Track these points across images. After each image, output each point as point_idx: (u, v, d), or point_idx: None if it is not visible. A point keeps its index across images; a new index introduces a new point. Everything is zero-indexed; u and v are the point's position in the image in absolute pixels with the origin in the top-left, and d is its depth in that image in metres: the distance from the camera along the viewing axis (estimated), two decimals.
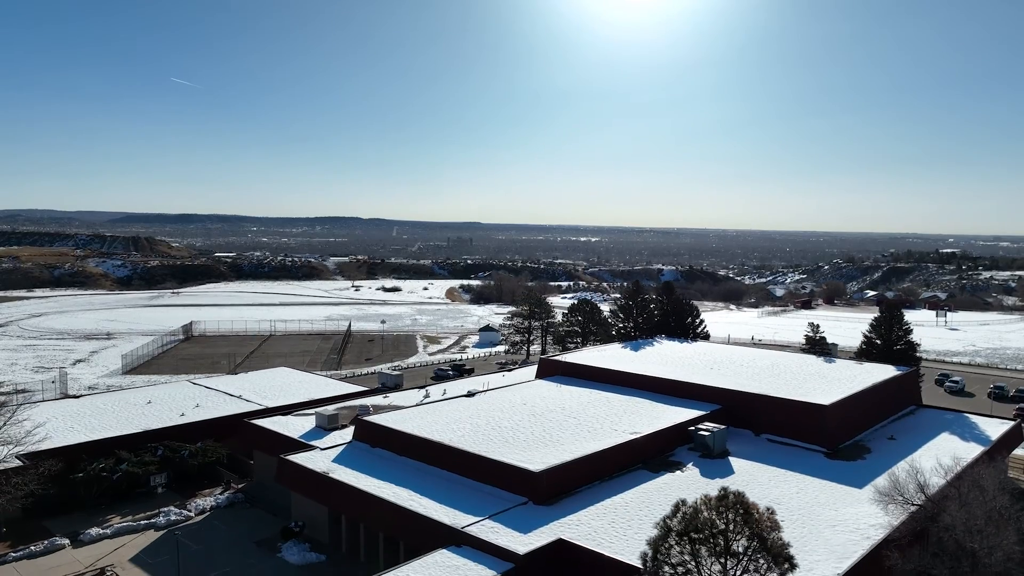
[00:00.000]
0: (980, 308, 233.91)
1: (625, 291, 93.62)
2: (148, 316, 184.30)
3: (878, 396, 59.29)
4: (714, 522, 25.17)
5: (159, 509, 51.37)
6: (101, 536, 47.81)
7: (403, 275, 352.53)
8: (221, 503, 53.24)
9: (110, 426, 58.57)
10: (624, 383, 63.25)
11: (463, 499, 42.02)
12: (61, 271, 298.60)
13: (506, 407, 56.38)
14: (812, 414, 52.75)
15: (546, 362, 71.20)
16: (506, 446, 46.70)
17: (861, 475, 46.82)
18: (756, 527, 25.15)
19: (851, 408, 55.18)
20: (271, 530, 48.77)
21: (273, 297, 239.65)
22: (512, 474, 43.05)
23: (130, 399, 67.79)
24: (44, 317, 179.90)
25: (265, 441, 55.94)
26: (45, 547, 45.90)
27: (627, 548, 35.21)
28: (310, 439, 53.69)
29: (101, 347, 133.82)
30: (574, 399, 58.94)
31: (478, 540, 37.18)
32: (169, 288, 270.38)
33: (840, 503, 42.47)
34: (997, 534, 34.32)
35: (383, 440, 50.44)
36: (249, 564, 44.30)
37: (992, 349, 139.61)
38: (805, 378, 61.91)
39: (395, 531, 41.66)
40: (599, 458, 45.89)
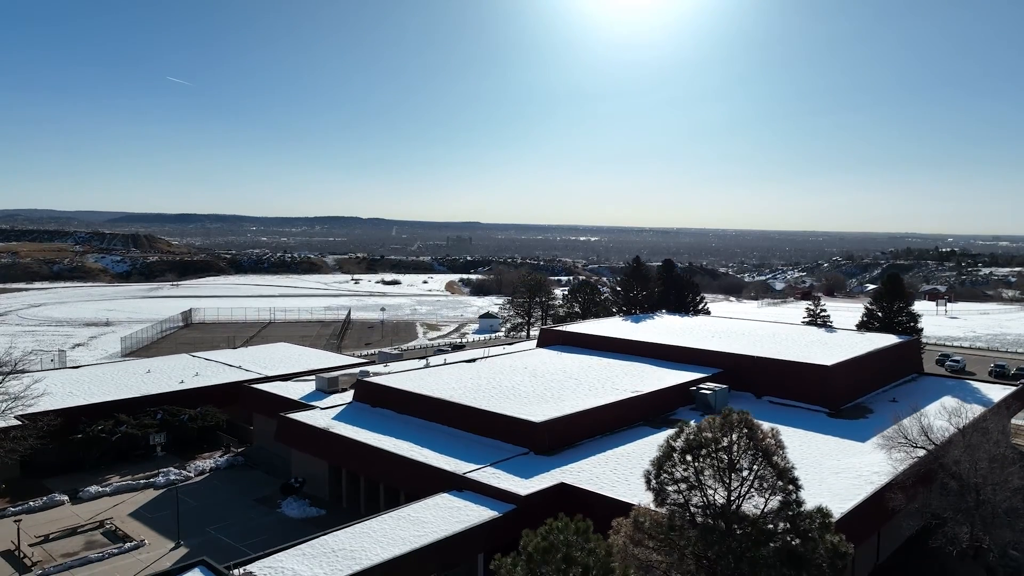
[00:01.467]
0: (980, 300, 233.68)
1: (626, 267, 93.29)
2: (147, 306, 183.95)
3: (880, 361, 59.12)
4: (718, 439, 24.91)
5: (158, 470, 51.16)
6: (100, 494, 47.58)
7: (402, 271, 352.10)
8: (221, 465, 53.01)
9: (109, 392, 58.30)
10: (625, 350, 63.03)
11: (464, 451, 41.83)
12: (60, 266, 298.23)
13: (507, 370, 56.17)
14: (815, 375, 52.58)
15: (547, 332, 71.01)
16: (507, 402, 46.49)
17: (864, 431, 46.66)
18: (761, 444, 24.90)
19: (854, 370, 55.02)
20: (271, 489, 48.55)
21: (272, 289, 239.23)
22: (513, 426, 42.84)
23: (129, 368, 67.63)
24: (43, 307, 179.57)
25: (265, 404, 55.69)
26: (44, 503, 45.69)
27: (628, 492, 34.99)
28: (310, 401, 53.48)
29: (100, 333, 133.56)
30: (575, 364, 58.72)
31: (479, 484, 36.99)
32: (168, 281, 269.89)
33: (843, 454, 42.30)
34: (1002, 471, 34.16)
35: (384, 399, 50.21)
36: (249, 518, 44.05)
37: (992, 335, 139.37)
38: (807, 344, 61.75)
39: (396, 481, 41.43)
40: (600, 412, 45.67)
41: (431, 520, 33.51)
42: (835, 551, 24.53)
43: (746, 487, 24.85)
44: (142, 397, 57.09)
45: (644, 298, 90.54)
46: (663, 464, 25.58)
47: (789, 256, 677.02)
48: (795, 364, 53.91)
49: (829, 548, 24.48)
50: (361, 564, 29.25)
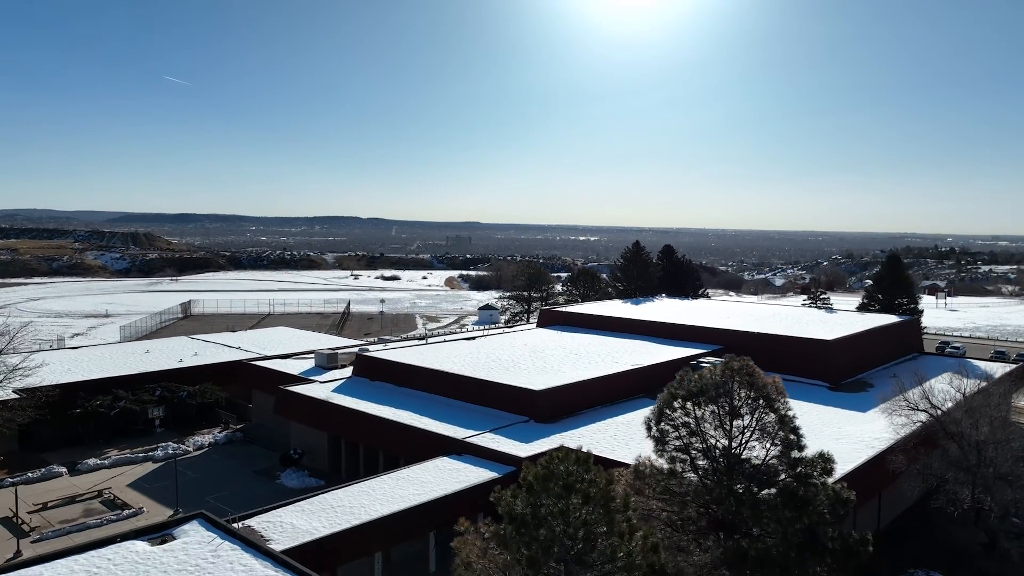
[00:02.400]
0: (980, 294, 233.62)
1: (626, 252, 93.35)
2: (146, 300, 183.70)
3: (881, 338, 59.03)
4: (719, 385, 24.81)
5: (157, 444, 51.02)
6: (98, 466, 47.42)
7: (402, 268, 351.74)
8: (220, 440, 52.86)
9: (108, 370, 58.10)
10: (625, 329, 62.93)
11: (464, 419, 41.71)
12: (59, 263, 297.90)
13: (506, 346, 56.06)
14: (815, 350, 52.48)
15: (547, 312, 70.89)
16: (507, 373, 46.39)
17: (865, 403, 46.58)
18: (762, 391, 24.80)
19: (854, 346, 54.93)
20: (270, 462, 48.39)
21: (272, 284, 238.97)
22: (512, 395, 42.73)
23: (128, 349, 67.52)
24: (42, 301, 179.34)
25: (264, 381, 55.55)
26: (42, 474, 45.54)
27: (628, 455, 34.79)
28: (309, 376, 53.34)
29: (99, 324, 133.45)
30: (575, 341, 58.60)
31: (479, 447, 36.89)
32: (167, 276, 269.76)
33: (844, 423, 42.21)
34: (1003, 430, 34.09)
35: (383, 373, 50.09)
36: (248, 489, 43.87)
37: (992, 326, 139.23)
38: (807, 323, 61.66)
39: (395, 449, 41.29)
40: (600, 383, 45.56)
41: (431, 480, 33.40)
42: (836, 497, 24.45)
43: (747, 434, 24.79)
44: (141, 374, 56.94)
45: (644, 283, 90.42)
46: (664, 410, 25.51)
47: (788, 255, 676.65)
48: (795, 339, 53.82)
49: (830, 495, 24.40)
50: (360, 519, 29.14)
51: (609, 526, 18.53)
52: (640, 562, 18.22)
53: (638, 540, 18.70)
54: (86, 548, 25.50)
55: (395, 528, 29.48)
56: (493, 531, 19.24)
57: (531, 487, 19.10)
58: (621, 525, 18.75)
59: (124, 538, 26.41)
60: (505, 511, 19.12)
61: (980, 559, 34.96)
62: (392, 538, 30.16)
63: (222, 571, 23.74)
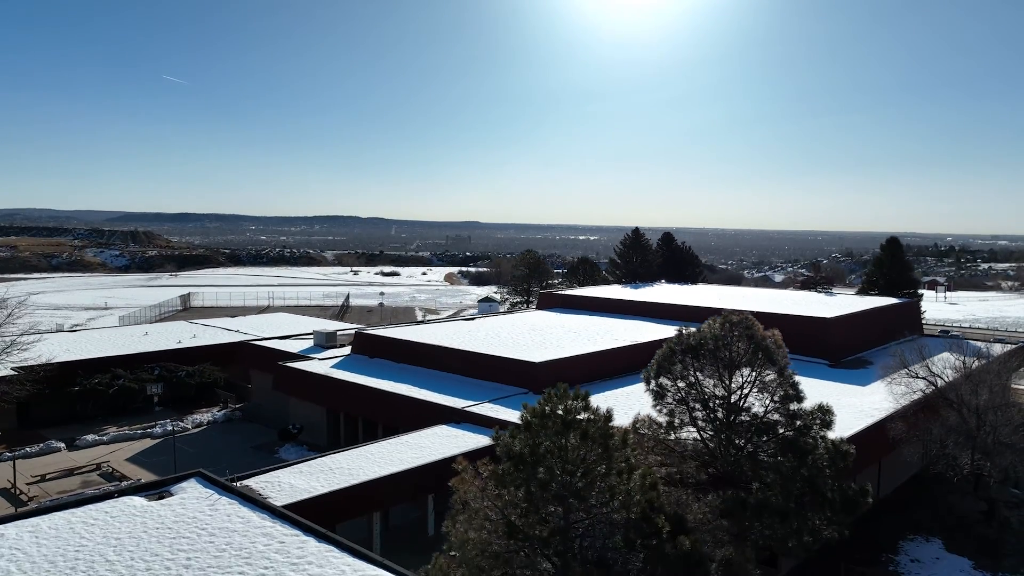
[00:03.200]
0: (980, 289, 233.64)
1: (625, 239, 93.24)
2: (146, 294, 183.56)
3: (881, 317, 59.01)
4: (718, 338, 24.78)
5: (156, 422, 50.97)
6: (97, 442, 47.38)
7: (401, 265, 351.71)
8: (218, 419, 52.84)
9: (107, 350, 58.09)
10: (625, 310, 62.89)
11: (463, 391, 41.65)
12: (59, 260, 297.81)
13: (506, 326, 56.03)
14: (815, 327, 52.41)
15: (546, 295, 70.88)
16: (506, 348, 46.34)
17: (865, 378, 46.58)
18: (761, 344, 24.75)
19: (854, 325, 54.91)
20: (269, 438, 48.36)
21: (271, 279, 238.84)
22: (512, 367, 42.67)
23: (126, 332, 67.55)
24: (42, 295, 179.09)
25: (263, 360, 55.44)
26: (41, 449, 45.50)
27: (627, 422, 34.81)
28: (308, 354, 53.27)
29: (98, 315, 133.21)
30: (575, 321, 58.55)
31: (478, 416, 36.83)
32: (167, 272, 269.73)
33: (844, 395, 42.07)
34: (1003, 395, 34.06)
35: (382, 350, 50.04)
36: (247, 463, 43.72)
37: (992, 318, 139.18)
38: (807, 304, 61.64)
39: (394, 420, 41.21)
40: (600, 357, 45.52)
41: (429, 445, 33.34)
42: (835, 450, 24.40)
43: (746, 388, 24.75)
44: (140, 354, 56.89)
45: (644, 270, 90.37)
46: (663, 364, 25.46)
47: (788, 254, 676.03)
48: (794, 317, 53.73)
49: (829, 448, 24.35)
50: (358, 479, 29.09)
51: (608, 463, 18.48)
52: (639, 499, 18.15)
53: (636, 478, 18.65)
54: (84, 502, 25.45)
55: (393, 489, 29.41)
56: (491, 470, 19.18)
57: (530, 426, 19.06)
58: (619, 464, 18.70)
59: (121, 494, 26.38)
60: (503, 451, 19.07)
61: (979, 526, 34.91)
62: (390, 498, 30.11)
63: (219, 522, 23.68)
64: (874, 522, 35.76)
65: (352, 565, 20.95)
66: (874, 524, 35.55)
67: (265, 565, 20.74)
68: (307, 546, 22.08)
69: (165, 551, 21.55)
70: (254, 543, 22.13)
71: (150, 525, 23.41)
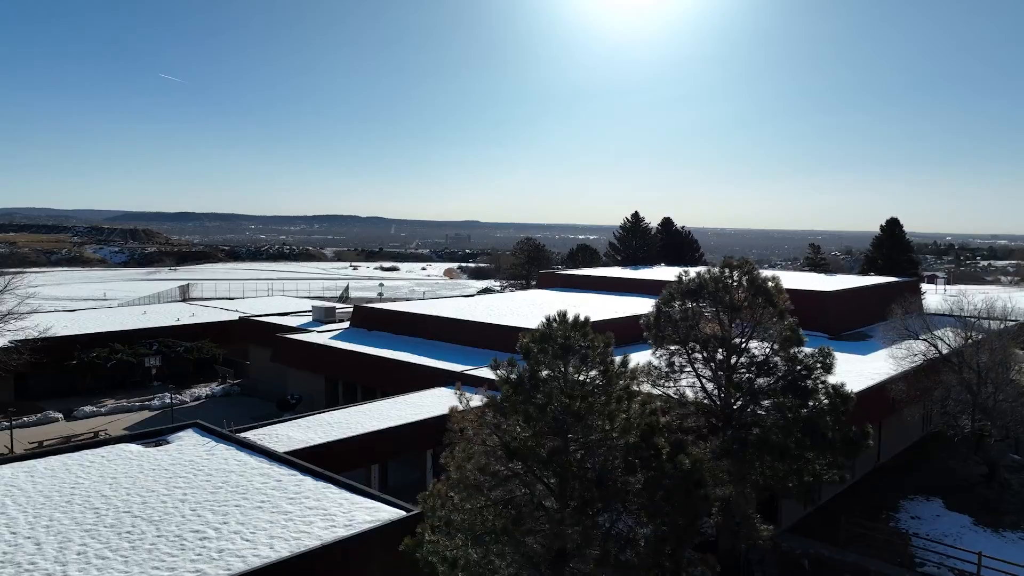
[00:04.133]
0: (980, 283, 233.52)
1: (624, 222, 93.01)
2: (145, 287, 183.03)
3: (881, 294, 58.79)
4: (718, 280, 24.63)
5: (154, 395, 50.82)
6: (94, 413, 47.21)
7: (401, 261, 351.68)
8: (216, 393, 52.72)
9: (105, 327, 57.93)
10: (624, 288, 62.77)
11: (462, 358, 41.47)
12: (58, 256, 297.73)
13: (505, 300, 55.97)
14: (814, 301, 52.24)
15: (546, 275, 70.71)
16: (506, 320, 46.19)
17: (865, 348, 46.51)
18: (762, 287, 24.62)
19: (853, 299, 54.81)
20: (267, 410, 48.11)
21: (271, 273, 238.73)
22: (511, 336, 42.26)
23: (125, 310, 67.49)
24: (41, 288, 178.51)
25: (262, 335, 55.34)
26: (38, 419, 45.37)
27: None
28: (308, 328, 53.18)
29: (98, 306, 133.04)
30: (575, 297, 58.40)
31: (477, 378, 36.60)
32: (166, 266, 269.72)
33: (844, 362, 41.33)
34: (1003, 351, 33.95)
35: (381, 322, 49.91)
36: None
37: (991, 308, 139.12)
38: (806, 281, 61.50)
39: (393, 386, 41.02)
40: (600, 326, 45.12)
41: (428, 404, 33.21)
42: (837, 393, 24.29)
43: (747, 331, 24.61)
44: (138, 330, 56.75)
45: (643, 253, 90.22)
46: (662, 308, 25.34)
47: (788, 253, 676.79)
48: (793, 291, 53.03)
49: (830, 392, 24.24)
50: (355, 431, 28.95)
51: (607, 390, 18.32)
52: (638, 422, 18.00)
53: (636, 404, 18.50)
54: (79, 448, 25.35)
55: (391, 442, 29.27)
56: (490, 399, 19.04)
57: (528, 352, 18.92)
58: (619, 391, 18.53)
59: (117, 441, 26.28)
60: (501, 379, 18.92)
61: (980, 488, 34.79)
62: (388, 452, 29.97)
63: (216, 464, 23.56)
64: (874, 484, 35.68)
65: (349, 499, 20.85)
66: (873, 486, 35.46)
67: (261, 499, 20.63)
68: (304, 483, 21.98)
69: (161, 488, 21.44)
70: (251, 481, 22.02)
71: (146, 467, 23.30)
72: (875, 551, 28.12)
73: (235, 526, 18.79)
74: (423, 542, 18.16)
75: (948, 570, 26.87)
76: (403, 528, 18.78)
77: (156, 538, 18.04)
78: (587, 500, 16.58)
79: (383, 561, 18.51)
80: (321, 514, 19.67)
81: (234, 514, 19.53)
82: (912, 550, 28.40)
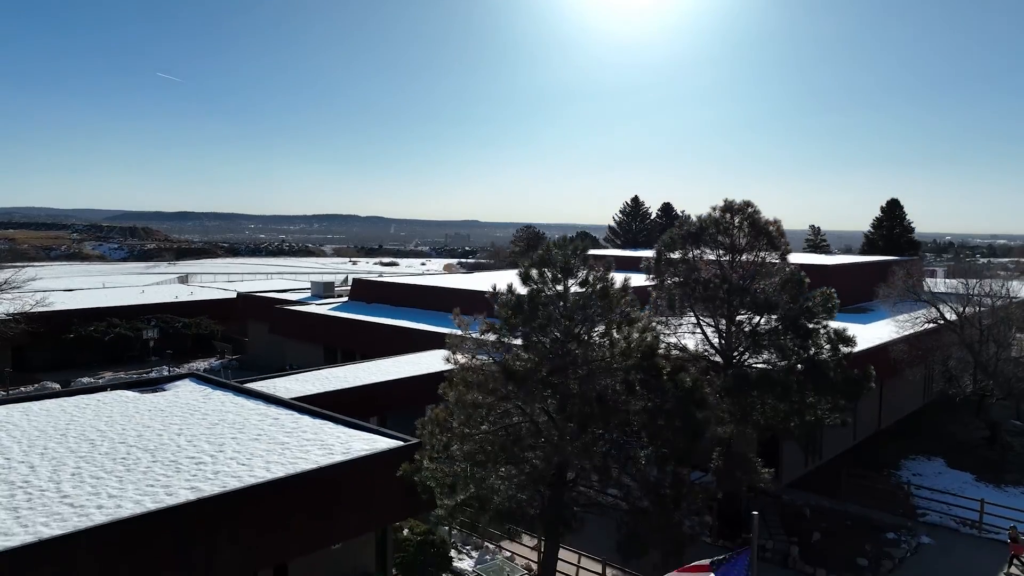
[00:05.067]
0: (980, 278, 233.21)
1: (624, 207, 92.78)
2: (144, 280, 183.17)
3: (881, 271, 58.65)
4: (719, 221, 24.41)
5: (152, 369, 50.65)
6: (92, 385, 47.01)
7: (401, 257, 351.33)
8: (215, 367, 52.49)
9: (103, 303, 57.83)
10: (624, 266, 62.52)
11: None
12: (57, 252, 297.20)
13: (504, 276, 55.68)
14: (815, 275, 51.70)
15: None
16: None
17: (867, 319, 46.41)
18: (764, 228, 24.40)
19: (854, 275, 54.60)
20: None
21: (271, 268, 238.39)
22: None
23: (124, 290, 67.37)
24: (40, 281, 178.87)
25: (261, 310, 55.17)
26: (35, 389, 45.08)
27: None
28: (306, 302, 53.03)
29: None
30: None
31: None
32: (165, 261, 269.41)
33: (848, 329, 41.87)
34: (1006, 311, 33.79)
35: (380, 295, 49.79)
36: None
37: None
38: (808, 258, 61.35)
39: (391, 353, 40.87)
40: None
41: (426, 361, 33.02)
42: (839, 336, 24.13)
43: (749, 272, 24.40)
44: (136, 305, 56.68)
45: (643, 237, 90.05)
46: (663, 252, 25.14)
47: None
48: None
49: (831, 337, 24.08)
50: (353, 384, 28.79)
51: (607, 313, 18.13)
52: (638, 344, 17.81)
53: (637, 326, 18.31)
54: (74, 393, 25.17)
55: (390, 395, 29.12)
56: (489, 325, 18.86)
57: (528, 277, 18.74)
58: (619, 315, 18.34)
59: (114, 388, 26.09)
60: (502, 304, 18.75)
61: (981, 449, 34.61)
62: (387, 404, 29.78)
63: (214, 406, 23.38)
64: (875, 446, 35.51)
65: (347, 432, 20.67)
66: (875, 447, 35.29)
67: (258, 433, 20.44)
68: (302, 421, 21.81)
69: (157, 424, 21.25)
70: (247, 419, 21.84)
71: (142, 408, 23.11)
72: (877, 503, 27.93)
73: (231, 454, 18.58)
74: (421, 468, 17.99)
75: (951, 519, 26.68)
76: (401, 455, 18.58)
77: (151, 463, 17.84)
78: (587, 416, 16.38)
79: (381, 485, 18.31)
80: (318, 445, 19.47)
81: (230, 444, 19.32)
82: (915, 501, 28.21)
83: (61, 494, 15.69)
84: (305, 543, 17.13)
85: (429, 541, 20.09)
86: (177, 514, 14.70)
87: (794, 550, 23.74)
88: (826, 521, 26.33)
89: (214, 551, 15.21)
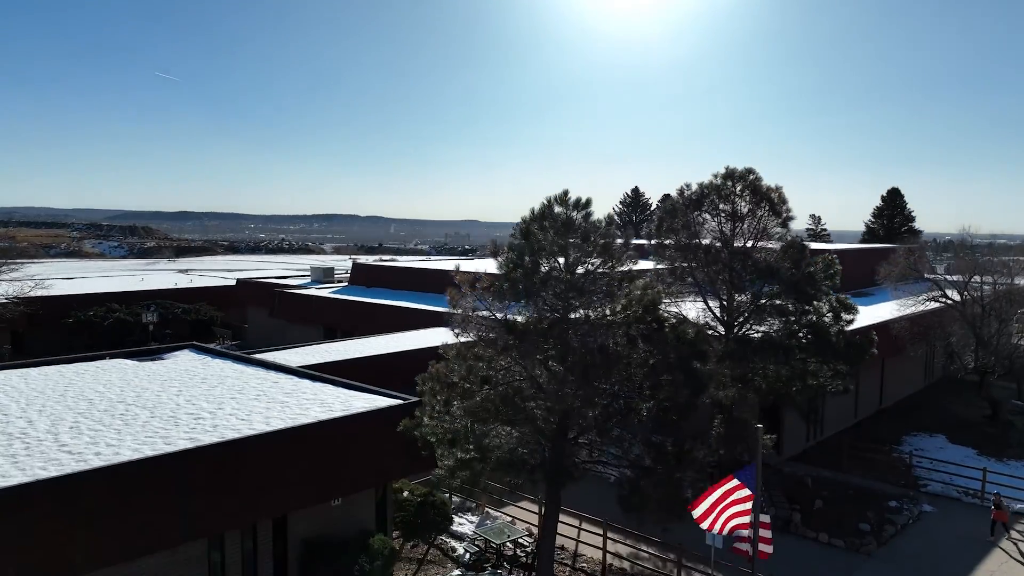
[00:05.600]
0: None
1: (624, 198, 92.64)
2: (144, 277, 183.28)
3: (882, 257, 58.61)
4: (720, 187, 24.33)
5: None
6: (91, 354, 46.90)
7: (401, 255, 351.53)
8: None
9: (103, 288, 57.72)
10: None
11: None
12: (57, 250, 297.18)
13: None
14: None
15: None
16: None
17: (870, 301, 46.37)
18: (766, 194, 24.32)
19: (855, 260, 54.50)
20: None
21: (270, 265, 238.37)
22: None
23: (123, 277, 67.27)
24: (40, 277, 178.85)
25: (261, 296, 55.04)
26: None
27: None
28: (306, 287, 52.94)
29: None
30: None
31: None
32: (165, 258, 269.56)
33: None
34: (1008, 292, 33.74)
35: (379, 279, 49.71)
36: None
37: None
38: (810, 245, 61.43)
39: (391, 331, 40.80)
40: None
41: (428, 336, 32.92)
42: (842, 304, 24.06)
43: (750, 239, 24.33)
44: (136, 291, 56.52)
45: (644, 227, 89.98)
46: (665, 219, 25.05)
47: None
48: None
49: (833, 305, 24.00)
50: (352, 356, 28.69)
51: (608, 269, 18.00)
52: (640, 297, 17.69)
53: (639, 284, 18.18)
54: (73, 360, 25.08)
55: (389, 368, 28.88)
56: (489, 278, 18.73)
57: (527, 232, 18.59)
58: (620, 273, 18.21)
59: (112, 356, 26.00)
60: (502, 260, 18.60)
61: (983, 426, 34.53)
62: (387, 378, 29.62)
63: (213, 372, 23.30)
64: (876, 424, 35.41)
65: (347, 393, 20.59)
66: (876, 425, 35.20)
67: (257, 394, 20.35)
68: (301, 384, 21.75)
69: (155, 387, 21.15)
70: (247, 382, 21.76)
71: (141, 374, 23.03)
72: (879, 475, 27.84)
73: (230, 411, 18.50)
74: (421, 424, 17.88)
75: (953, 488, 26.59)
76: (401, 412, 18.48)
77: (149, 419, 17.75)
78: (589, 366, 16.26)
79: (381, 442, 18.20)
80: (318, 403, 19.38)
81: (229, 404, 19.23)
82: (916, 472, 28.12)
83: (59, 443, 15.60)
84: (304, 496, 17.04)
85: (430, 502, 19.99)
86: (177, 460, 14.60)
87: (796, 516, 23.65)
88: (828, 490, 26.22)
89: (214, 499, 15.11)
